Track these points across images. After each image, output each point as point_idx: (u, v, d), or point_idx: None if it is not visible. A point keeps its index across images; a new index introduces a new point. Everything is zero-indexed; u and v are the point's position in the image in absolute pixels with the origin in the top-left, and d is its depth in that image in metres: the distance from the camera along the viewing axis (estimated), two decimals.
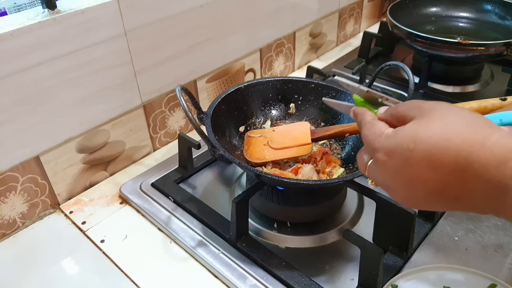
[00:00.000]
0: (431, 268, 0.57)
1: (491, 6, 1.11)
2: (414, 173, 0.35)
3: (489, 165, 0.31)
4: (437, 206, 0.37)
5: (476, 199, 0.33)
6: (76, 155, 0.72)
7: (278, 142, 0.70)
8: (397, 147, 0.36)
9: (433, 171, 0.34)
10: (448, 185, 0.34)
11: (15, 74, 0.59)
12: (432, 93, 0.99)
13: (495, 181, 0.31)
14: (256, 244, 0.62)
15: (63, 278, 0.60)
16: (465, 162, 0.32)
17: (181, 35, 0.79)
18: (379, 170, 0.39)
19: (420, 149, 0.34)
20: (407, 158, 0.35)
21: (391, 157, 0.36)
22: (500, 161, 0.31)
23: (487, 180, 0.32)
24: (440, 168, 0.33)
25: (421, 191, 0.35)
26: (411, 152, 0.34)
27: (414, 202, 0.38)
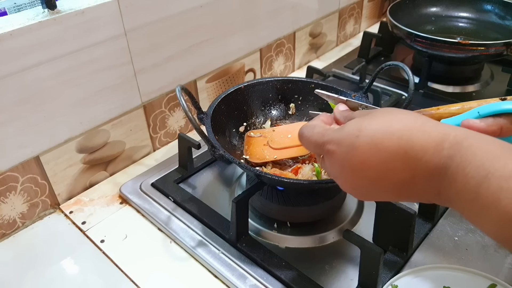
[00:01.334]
0: (431, 268, 0.57)
1: (491, 6, 1.11)
2: (359, 158, 0.36)
3: (428, 147, 0.34)
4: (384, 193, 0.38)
5: (420, 183, 0.35)
6: (76, 155, 0.72)
7: (278, 142, 0.70)
8: (344, 136, 0.38)
9: (377, 154, 0.35)
10: (392, 170, 0.35)
11: (15, 74, 0.59)
12: (432, 93, 0.99)
13: (434, 162, 0.33)
14: (256, 244, 0.62)
15: (63, 278, 0.60)
16: (406, 144, 0.34)
17: (181, 35, 0.79)
18: (328, 162, 0.41)
19: (365, 134, 0.36)
20: (353, 143, 0.37)
21: (339, 145, 0.38)
22: (437, 142, 0.33)
23: (427, 162, 0.33)
24: (383, 151, 0.35)
25: (366, 178, 0.37)
26: (357, 138, 0.37)
27: (362, 191, 0.39)
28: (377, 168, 0.36)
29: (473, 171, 0.31)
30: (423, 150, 0.34)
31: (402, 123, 0.36)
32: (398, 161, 0.35)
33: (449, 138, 0.33)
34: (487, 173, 0.30)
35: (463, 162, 0.32)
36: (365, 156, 0.36)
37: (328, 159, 0.41)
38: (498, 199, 0.30)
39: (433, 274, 0.56)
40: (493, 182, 0.30)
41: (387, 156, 0.35)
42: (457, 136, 0.33)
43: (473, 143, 0.33)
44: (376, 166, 0.36)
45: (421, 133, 0.34)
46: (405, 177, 0.35)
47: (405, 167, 0.34)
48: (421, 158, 0.34)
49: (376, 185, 0.37)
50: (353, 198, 0.71)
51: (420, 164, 0.34)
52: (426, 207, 0.66)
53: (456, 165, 0.32)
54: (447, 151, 0.33)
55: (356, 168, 0.37)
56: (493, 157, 0.31)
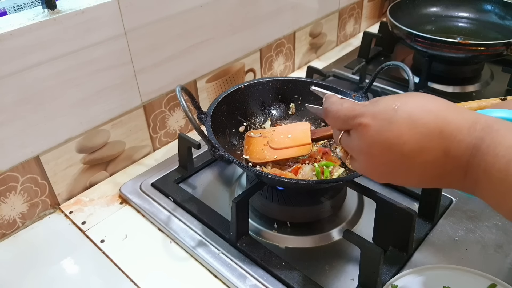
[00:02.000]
0: (431, 268, 0.57)
1: (491, 6, 1.10)
2: (396, 132, 0.36)
3: (462, 127, 0.35)
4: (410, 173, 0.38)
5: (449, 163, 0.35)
6: (76, 155, 0.72)
7: (278, 142, 0.70)
8: (381, 110, 0.38)
9: (413, 130, 0.36)
10: (426, 147, 0.36)
11: (15, 74, 0.59)
12: (432, 93, 0.97)
13: (466, 141, 0.34)
14: (256, 244, 0.62)
15: (63, 278, 0.60)
16: (442, 123, 0.35)
17: (181, 35, 0.79)
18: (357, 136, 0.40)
19: (403, 110, 0.37)
20: (391, 117, 0.37)
21: (375, 119, 0.38)
22: (470, 123, 0.35)
23: (460, 141, 0.35)
24: (420, 127, 0.36)
25: (398, 154, 0.37)
26: (395, 112, 0.37)
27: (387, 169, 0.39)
28: (412, 144, 0.36)
29: (503, 151, 0.32)
30: (457, 130, 0.35)
31: (438, 103, 0.37)
32: (433, 139, 0.35)
33: (481, 121, 0.35)
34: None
35: (494, 143, 0.33)
36: (402, 131, 0.36)
37: (358, 133, 0.40)
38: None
39: (433, 274, 0.56)
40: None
41: (424, 132, 0.35)
42: (488, 120, 0.35)
43: (501, 128, 0.34)
44: (411, 141, 0.36)
45: (456, 114, 0.36)
46: (437, 155, 0.35)
47: (439, 145, 0.35)
48: (454, 137, 0.35)
49: (406, 162, 0.37)
50: (353, 198, 0.71)
51: (453, 143, 0.35)
52: (426, 207, 0.66)
53: (487, 145, 0.33)
54: (479, 132, 0.34)
55: (390, 143, 0.37)
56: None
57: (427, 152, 0.36)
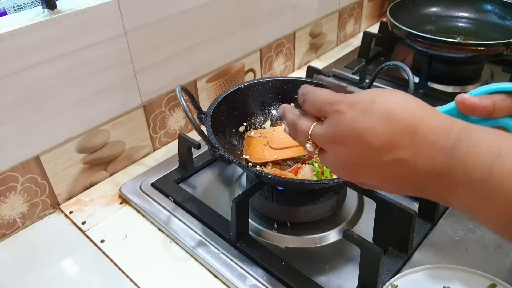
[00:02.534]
0: (431, 268, 0.57)
1: (491, 6, 1.10)
2: (369, 123, 0.36)
3: (437, 128, 0.34)
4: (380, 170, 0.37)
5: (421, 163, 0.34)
6: (76, 155, 0.72)
7: (278, 142, 0.70)
8: (359, 99, 0.38)
9: (388, 123, 0.35)
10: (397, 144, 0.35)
11: (15, 74, 0.59)
12: (432, 93, 0.99)
13: (441, 142, 0.33)
14: (256, 244, 0.62)
15: (63, 278, 0.60)
16: (418, 122, 0.35)
17: (181, 35, 0.79)
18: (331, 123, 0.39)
19: (381, 102, 0.36)
20: (367, 108, 0.36)
21: (352, 107, 0.37)
22: (446, 125, 0.34)
23: (434, 142, 0.34)
24: (395, 122, 0.35)
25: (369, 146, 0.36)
26: (372, 103, 0.36)
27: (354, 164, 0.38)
28: (384, 137, 0.35)
29: (484, 150, 0.31)
30: (432, 130, 0.34)
31: (417, 103, 0.37)
32: (406, 136, 0.34)
33: (458, 123, 0.34)
34: (500, 150, 0.31)
35: (473, 143, 0.32)
36: (376, 122, 0.36)
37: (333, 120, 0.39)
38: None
39: (433, 274, 0.56)
40: (508, 158, 0.30)
41: (397, 127, 0.35)
42: (464, 123, 0.34)
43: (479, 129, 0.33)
44: (384, 135, 0.35)
45: (433, 116, 0.35)
46: (408, 154, 0.35)
47: (411, 143, 0.34)
48: (428, 138, 0.34)
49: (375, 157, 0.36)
50: (353, 198, 0.71)
51: (426, 143, 0.34)
52: (426, 207, 0.66)
53: (466, 146, 0.32)
54: (455, 134, 0.33)
55: (363, 133, 0.36)
56: (503, 138, 0.32)
57: (398, 148, 0.35)
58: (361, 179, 0.39)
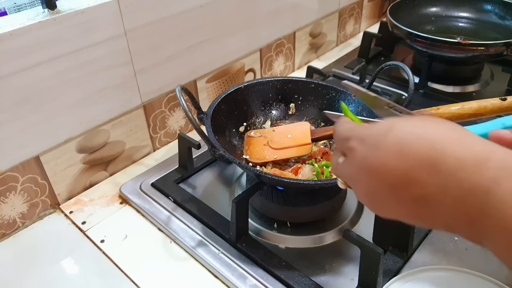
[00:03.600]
0: (431, 270, 0.56)
1: (491, 6, 1.11)
2: (380, 160, 0.32)
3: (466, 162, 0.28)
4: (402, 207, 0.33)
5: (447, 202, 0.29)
6: (76, 155, 0.72)
7: (278, 142, 0.70)
8: (371, 133, 0.34)
9: (401, 159, 0.31)
10: (415, 180, 0.30)
11: (15, 74, 0.59)
12: (432, 93, 0.99)
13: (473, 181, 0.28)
14: (256, 244, 0.62)
15: (63, 278, 0.60)
16: (438, 155, 0.29)
17: (181, 35, 0.79)
18: (347, 161, 0.37)
19: (393, 135, 0.32)
20: (378, 142, 0.33)
21: (363, 143, 0.34)
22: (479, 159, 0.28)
23: (462, 179, 0.28)
24: (409, 157, 0.31)
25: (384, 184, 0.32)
26: (384, 137, 0.33)
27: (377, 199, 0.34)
28: (399, 174, 0.31)
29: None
30: (457, 164, 0.29)
31: (440, 130, 0.31)
32: (424, 171, 0.30)
33: (496, 157, 0.28)
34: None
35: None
36: (388, 158, 0.32)
37: (348, 157, 0.36)
38: None
39: (432, 275, 0.56)
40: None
41: (412, 163, 0.30)
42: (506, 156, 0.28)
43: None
44: (397, 171, 0.31)
45: (459, 146, 0.29)
46: (430, 191, 0.30)
47: (432, 179, 0.30)
48: (454, 173, 0.29)
49: (395, 195, 0.32)
50: (353, 198, 0.71)
51: (452, 180, 0.29)
52: None
53: (503, 191, 0.27)
54: (492, 172, 0.27)
55: (375, 171, 0.33)
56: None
57: (416, 185, 0.30)
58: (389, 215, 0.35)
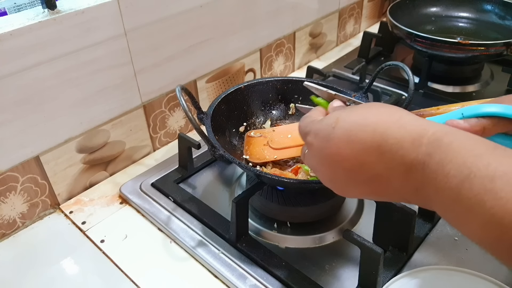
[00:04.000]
0: (431, 269, 0.56)
1: (491, 6, 1.11)
2: (333, 149, 0.37)
3: (404, 141, 0.33)
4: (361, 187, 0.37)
5: (395, 178, 0.34)
6: (76, 155, 0.72)
7: (278, 142, 0.70)
8: (322, 127, 0.39)
9: (350, 146, 0.36)
10: (366, 163, 0.35)
11: (15, 74, 0.59)
12: (432, 93, 0.99)
13: (411, 157, 0.32)
14: (256, 244, 0.62)
15: (63, 278, 0.60)
16: (380, 138, 0.34)
17: (181, 35, 0.79)
18: (309, 153, 0.42)
19: (340, 126, 0.37)
20: (328, 135, 0.37)
21: (317, 136, 0.39)
22: (414, 137, 0.32)
23: (403, 156, 0.33)
24: (357, 143, 0.35)
25: (342, 170, 0.37)
26: (333, 129, 0.37)
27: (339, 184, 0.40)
28: (351, 160, 0.36)
29: (454, 170, 0.30)
30: (398, 144, 0.33)
31: (378, 117, 0.35)
32: (372, 154, 0.34)
33: (428, 134, 0.32)
34: (470, 172, 0.29)
35: (444, 160, 0.31)
36: (339, 147, 0.36)
37: (309, 151, 0.41)
38: (482, 201, 0.28)
39: (432, 275, 0.56)
40: (476, 182, 0.29)
41: (360, 148, 0.35)
42: (437, 132, 0.32)
43: (454, 140, 0.31)
44: (350, 157, 0.36)
45: (397, 127, 0.34)
46: (380, 170, 0.34)
47: (379, 160, 0.34)
48: (395, 152, 0.33)
49: (352, 178, 0.37)
50: (353, 198, 0.71)
51: (395, 158, 0.33)
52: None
53: (436, 162, 0.31)
54: (426, 147, 0.32)
55: (331, 160, 0.37)
56: (475, 155, 0.30)
57: (368, 167, 0.35)
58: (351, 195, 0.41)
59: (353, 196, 0.41)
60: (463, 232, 0.32)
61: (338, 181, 0.39)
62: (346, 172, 0.37)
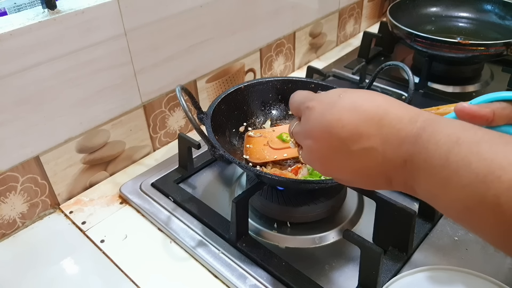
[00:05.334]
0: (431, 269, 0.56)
1: (491, 6, 1.10)
2: (336, 115, 0.38)
3: (403, 117, 0.36)
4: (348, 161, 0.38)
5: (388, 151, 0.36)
6: (76, 155, 0.72)
7: (278, 142, 0.70)
8: (328, 95, 0.41)
9: (353, 114, 0.37)
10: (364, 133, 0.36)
11: (15, 74, 0.59)
12: (432, 93, 0.99)
13: (406, 130, 0.35)
14: (256, 244, 0.62)
15: (63, 278, 0.60)
16: (383, 112, 0.36)
17: (181, 35, 0.79)
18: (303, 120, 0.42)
19: (347, 97, 0.39)
20: (334, 101, 0.39)
21: (321, 102, 0.40)
22: (412, 115, 0.36)
23: (399, 130, 0.35)
24: (361, 112, 0.37)
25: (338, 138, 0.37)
26: (339, 98, 0.39)
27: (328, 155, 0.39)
28: (350, 128, 0.37)
29: (444, 139, 0.32)
30: (397, 119, 0.36)
31: (384, 98, 0.38)
32: (372, 125, 0.36)
33: (424, 114, 0.36)
34: (457, 139, 0.32)
35: (435, 132, 0.33)
36: (342, 114, 0.37)
37: (305, 116, 0.41)
38: (469, 163, 0.30)
39: (432, 275, 0.56)
40: (464, 147, 0.31)
41: (362, 118, 0.36)
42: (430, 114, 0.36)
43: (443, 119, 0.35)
44: (350, 125, 0.37)
45: (398, 107, 0.37)
46: (376, 142, 0.36)
47: (377, 132, 0.36)
48: (394, 126, 0.35)
49: (345, 149, 0.37)
50: (353, 198, 0.71)
51: (392, 131, 0.35)
52: (426, 207, 0.66)
53: (428, 134, 0.33)
54: (420, 123, 0.35)
55: (330, 125, 0.38)
56: (463, 128, 0.33)
57: (365, 138, 0.36)
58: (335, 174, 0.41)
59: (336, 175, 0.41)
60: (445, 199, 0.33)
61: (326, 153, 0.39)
62: (341, 142, 0.37)
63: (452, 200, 0.32)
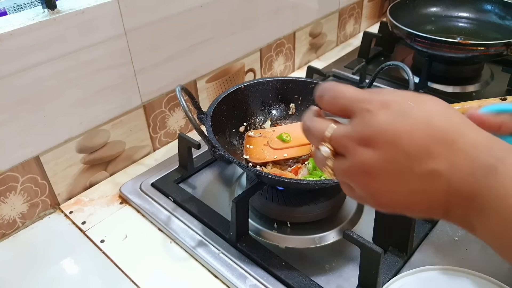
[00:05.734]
0: (431, 269, 0.56)
1: (491, 6, 1.11)
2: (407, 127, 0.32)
3: (478, 143, 0.31)
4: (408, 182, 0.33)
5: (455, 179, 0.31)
6: (76, 155, 0.72)
7: (278, 142, 0.70)
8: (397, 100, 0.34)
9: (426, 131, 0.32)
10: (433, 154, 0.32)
11: (15, 74, 0.59)
12: (432, 93, 0.98)
13: (481, 159, 0.31)
14: (256, 244, 0.62)
15: (63, 278, 0.60)
16: (457, 133, 0.32)
17: (181, 35, 0.79)
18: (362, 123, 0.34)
19: (421, 108, 0.33)
20: (405, 110, 0.33)
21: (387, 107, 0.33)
22: (487, 142, 0.31)
23: (472, 157, 0.31)
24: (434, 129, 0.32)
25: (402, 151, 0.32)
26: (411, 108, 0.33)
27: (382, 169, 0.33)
28: (420, 145, 0.32)
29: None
30: (472, 144, 0.31)
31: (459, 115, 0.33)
32: (443, 146, 0.31)
33: (499, 141, 0.32)
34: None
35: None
36: (414, 127, 0.32)
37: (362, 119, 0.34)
38: None
39: (432, 275, 0.56)
40: None
41: (437, 136, 0.32)
42: (505, 144, 0.32)
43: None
44: (421, 141, 0.32)
45: (474, 130, 0.32)
46: (443, 166, 0.31)
47: (448, 155, 0.31)
48: (467, 151, 0.31)
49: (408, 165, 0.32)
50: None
51: (464, 157, 0.31)
52: None
53: (507, 168, 0.29)
54: (497, 152, 0.30)
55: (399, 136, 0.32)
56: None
57: (432, 158, 0.31)
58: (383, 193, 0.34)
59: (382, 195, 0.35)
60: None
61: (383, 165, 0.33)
62: (406, 157, 0.32)
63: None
